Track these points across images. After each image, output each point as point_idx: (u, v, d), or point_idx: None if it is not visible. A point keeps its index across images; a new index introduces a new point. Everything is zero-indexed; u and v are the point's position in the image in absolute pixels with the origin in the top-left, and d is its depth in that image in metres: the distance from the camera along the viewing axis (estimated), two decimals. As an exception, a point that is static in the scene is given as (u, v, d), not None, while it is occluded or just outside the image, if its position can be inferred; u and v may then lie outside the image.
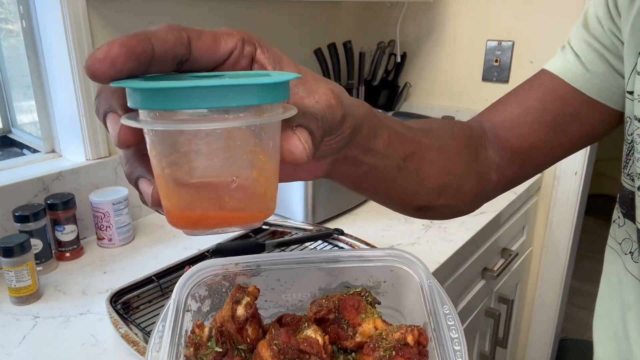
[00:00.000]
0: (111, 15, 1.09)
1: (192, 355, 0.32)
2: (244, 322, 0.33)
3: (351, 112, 0.34)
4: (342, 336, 0.34)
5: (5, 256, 0.84)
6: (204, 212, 0.27)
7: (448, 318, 0.32)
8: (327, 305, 0.35)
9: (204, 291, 0.37)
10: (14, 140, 1.27)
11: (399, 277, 0.37)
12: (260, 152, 0.26)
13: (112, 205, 1.05)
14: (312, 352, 0.31)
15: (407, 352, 0.31)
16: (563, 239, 1.61)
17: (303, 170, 0.39)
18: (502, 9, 1.54)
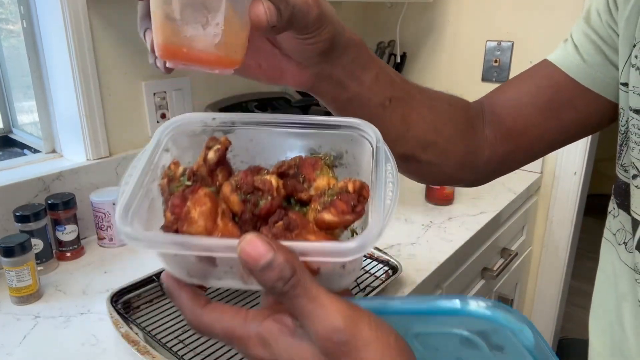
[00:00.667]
0: (111, 16, 1.09)
1: (165, 185, 0.36)
2: (214, 166, 0.37)
3: (330, 21, 0.40)
4: (298, 189, 0.37)
5: (6, 256, 0.84)
6: (181, 47, 0.34)
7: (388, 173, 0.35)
8: (289, 163, 0.39)
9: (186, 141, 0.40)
10: (14, 140, 1.28)
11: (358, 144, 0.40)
12: (230, 7, 0.33)
13: (112, 205, 1.05)
14: (264, 189, 0.34)
15: (346, 197, 0.34)
16: (563, 238, 1.61)
17: (290, 74, 0.44)
18: (502, 10, 1.54)
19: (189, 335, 0.77)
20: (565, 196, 1.56)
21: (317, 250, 0.31)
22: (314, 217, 0.34)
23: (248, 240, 0.29)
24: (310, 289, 0.29)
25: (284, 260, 0.29)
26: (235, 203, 0.34)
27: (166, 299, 0.86)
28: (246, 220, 0.34)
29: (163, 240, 0.31)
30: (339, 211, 0.33)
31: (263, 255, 0.28)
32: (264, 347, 0.31)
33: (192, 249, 0.30)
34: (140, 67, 1.17)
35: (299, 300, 0.29)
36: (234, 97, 1.38)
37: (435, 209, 1.29)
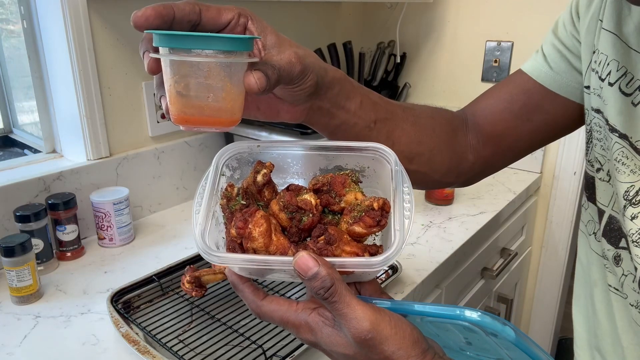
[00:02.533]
0: (111, 16, 1.09)
1: (225, 204, 0.47)
2: (262, 186, 0.47)
3: (313, 70, 0.47)
4: (331, 202, 0.47)
5: (7, 256, 0.84)
6: (192, 115, 0.41)
7: (405, 193, 0.45)
8: (322, 180, 0.48)
9: (235, 163, 0.50)
10: (15, 140, 1.28)
11: (378, 163, 0.49)
12: (228, 82, 0.41)
13: (112, 205, 1.05)
14: (306, 208, 0.44)
15: (372, 214, 0.43)
16: (562, 238, 1.61)
17: (284, 112, 0.51)
18: (502, 10, 1.54)
19: (189, 335, 0.78)
20: (565, 196, 1.56)
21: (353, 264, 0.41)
22: (346, 228, 0.44)
23: (300, 257, 0.39)
24: (345, 297, 0.39)
25: (326, 273, 0.39)
26: (284, 220, 0.45)
27: (166, 299, 0.87)
28: (293, 233, 0.44)
29: (238, 259, 0.42)
30: (367, 225, 0.43)
31: (311, 268, 0.39)
32: (311, 333, 0.42)
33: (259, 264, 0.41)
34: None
35: (337, 305, 0.39)
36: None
37: (435, 209, 1.30)
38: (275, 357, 0.71)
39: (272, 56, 0.44)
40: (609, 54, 0.53)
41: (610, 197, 0.56)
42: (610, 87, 0.52)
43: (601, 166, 0.56)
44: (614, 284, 0.57)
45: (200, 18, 0.42)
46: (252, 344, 0.73)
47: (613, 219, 0.55)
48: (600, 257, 0.59)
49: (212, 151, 1.36)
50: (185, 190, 1.32)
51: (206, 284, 0.84)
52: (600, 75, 0.54)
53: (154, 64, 0.42)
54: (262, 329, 0.78)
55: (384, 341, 0.40)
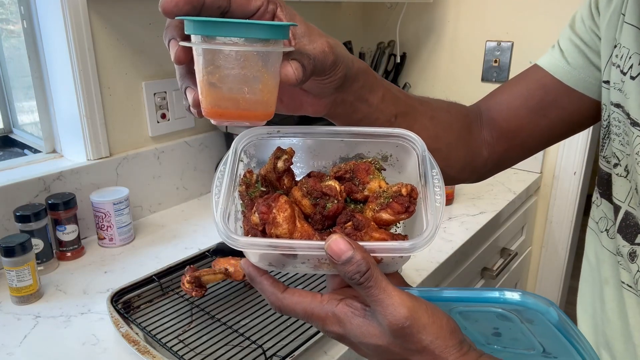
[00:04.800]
0: (112, 16, 1.09)
1: (244, 191, 0.44)
2: (282, 173, 0.44)
3: (343, 61, 0.45)
4: (354, 190, 0.45)
5: (7, 256, 0.84)
6: (226, 109, 0.39)
7: (435, 179, 0.42)
8: (345, 168, 0.46)
9: (253, 150, 0.47)
10: (15, 140, 1.28)
11: (403, 150, 0.47)
12: (265, 72, 0.39)
13: (112, 205, 1.05)
14: (331, 194, 0.42)
15: (401, 199, 0.41)
16: (562, 238, 1.61)
17: (308, 105, 0.49)
18: (502, 10, 1.54)
19: (189, 335, 0.78)
20: (565, 196, 1.56)
21: (385, 248, 0.38)
22: (371, 216, 0.42)
23: (334, 240, 0.37)
24: (381, 282, 0.37)
25: (361, 257, 0.37)
26: (307, 206, 0.42)
27: (166, 299, 0.87)
28: (317, 220, 0.42)
29: (261, 244, 0.38)
30: (395, 211, 0.41)
31: (345, 252, 0.36)
32: (339, 325, 0.40)
33: (282, 249, 0.38)
34: (140, 67, 1.17)
35: (372, 290, 0.37)
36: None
37: (435, 209, 1.29)
38: (275, 357, 0.71)
39: (304, 45, 0.42)
40: (631, 47, 0.52)
41: (627, 193, 0.55)
42: (632, 80, 0.52)
43: (619, 161, 0.56)
44: (627, 281, 0.56)
45: (230, 4, 0.39)
46: (252, 344, 0.73)
47: (629, 215, 0.55)
48: (613, 254, 0.58)
49: (212, 151, 1.36)
50: (185, 190, 1.32)
51: (206, 284, 0.84)
52: (622, 69, 0.53)
53: (182, 53, 0.39)
54: (262, 329, 0.78)
55: (422, 330, 0.37)
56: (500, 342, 0.40)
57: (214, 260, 0.89)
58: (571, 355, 0.41)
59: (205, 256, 0.96)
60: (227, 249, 0.92)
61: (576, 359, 0.41)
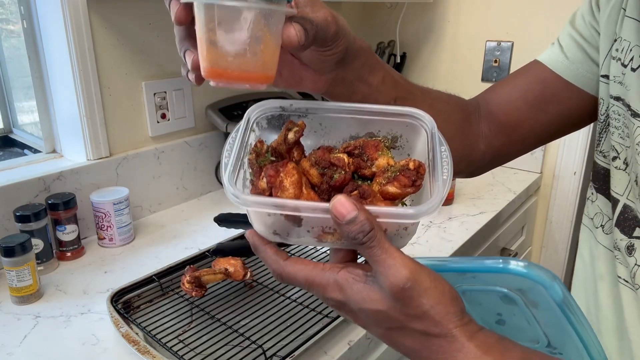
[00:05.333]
0: (111, 16, 1.09)
1: (253, 159, 0.44)
2: (292, 144, 0.44)
3: (345, 34, 0.45)
4: (362, 166, 0.45)
5: (7, 256, 0.84)
6: (226, 69, 0.38)
7: (443, 154, 0.42)
8: (354, 144, 0.46)
9: (265, 123, 0.48)
10: (15, 140, 1.28)
11: (413, 130, 0.47)
12: (267, 32, 0.38)
13: (112, 205, 1.05)
14: (339, 165, 0.42)
15: (408, 173, 0.41)
16: (562, 238, 1.61)
17: (308, 81, 0.49)
18: (502, 10, 1.54)
19: (189, 335, 0.78)
20: (565, 196, 1.56)
21: (391, 214, 0.38)
22: (378, 189, 0.42)
23: (339, 200, 0.37)
24: (384, 243, 0.37)
25: (365, 217, 0.36)
26: (314, 176, 0.42)
27: (166, 299, 0.87)
28: (323, 190, 0.42)
29: (267, 202, 0.38)
30: (402, 184, 0.41)
31: (350, 211, 0.36)
32: (340, 292, 0.39)
33: (287, 210, 0.38)
34: (140, 67, 1.17)
35: (375, 251, 0.37)
36: (234, 97, 1.38)
37: (435, 209, 1.29)
38: (275, 357, 0.71)
39: (307, 13, 0.42)
40: (632, 40, 0.53)
41: (626, 186, 0.55)
42: (633, 72, 0.53)
43: (617, 154, 0.56)
44: (624, 275, 0.56)
45: None
46: (252, 344, 0.73)
47: (628, 208, 0.55)
48: (609, 250, 0.58)
49: (212, 151, 1.36)
50: (185, 190, 1.32)
51: (206, 284, 0.84)
52: (623, 62, 0.54)
53: (182, 12, 0.39)
54: (262, 329, 0.78)
55: (423, 293, 0.37)
56: (504, 331, 0.39)
57: (214, 260, 0.89)
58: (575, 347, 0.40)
59: (205, 256, 0.96)
60: (227, 249, 0.92)
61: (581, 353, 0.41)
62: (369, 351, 0.84)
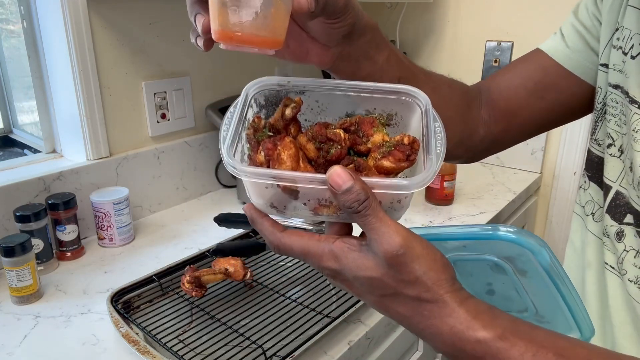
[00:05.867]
0: (111, 16, 1.09)
1: (251, 134, 0.45)
2: (289, 120, 0.45)
3: (354, 8, 0.46)
4: (358, 142, 0.46)
5: (7, 256, 0.84)
6: (236, 32, 0.39)
7: (437, 130, 0.43)
8: (350, 120, 0.47)
9: (263, 100, 0.48)
10: (15, 140, 1.28)
11: (407, 107, 0.48)
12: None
13: (112, 205, 1.05)
14: (335, 140, 0.43)
15: (402, 147, 0.42)
16: (562, 238, 1.61)
17: (314, 55, 0.50)
18: (502, 10, 1.54)
19: (189, 335, 0.78)
20: (565, 196, 1.56)
21: (385, 184, 0.39)
22: (373, 164, 0.43)
23: (335, 170, 0.38)
24: (379, 211, 0.38)
25: (360, 187, 0.37)
26: (311, 150, 0.43)
27: (166, 299, 0.87)
28: (320, 164, 0.43)
29: (264, 173, 0.39)
30: (396, 159, 0.42)
31: (346, 181, 0.37)
32: (335, 261, 0.40)
33: (284, 180, 0.39)
34: (140, 67, 1.17)
35: (370, 219, 0.38)
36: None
37: (435, 209, 1.30)
38: (275, 357, 0.71)
39: None
40: (633, 28, 0.55)
41: (619, 173, 0.56)
42: (633, 59, 0.54)
43: (613, 142, 0.57)
44: (611, 262, 0.58)
45: None
46: (252, 344, 0.73)
47: (620, 195, 0.56)
48: (598, 237, 0.60)
49: (212, 151, 1.36)
50: (185, 190, 1.32)
51: (206, 284, 0.84)
52: (624, 50, 0.55)
53: None
54: (262, 329, 0.78)
55: (415, 259, 0.38)
56: (493, 301, 0.41)
57: (214, 260, 0.89)
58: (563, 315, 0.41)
59: (205, 256, 0.96)
60: (227, 249, 0.92)
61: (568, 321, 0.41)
62: (369, 351, 0.84)
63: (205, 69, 1.32)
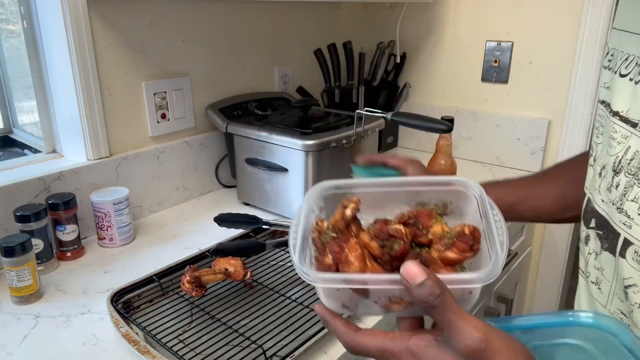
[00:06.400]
0: (112, 16, 1.09)
1: (317, 237, 0.47)
2: (350, 220, 0.47)
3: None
4: (418, 234, 0.47)
5: (7, 256, 0.84)
6: None
7: (495, 218, 0.44)
8: (408, 214, 0.49)
9: (322, 202, 0.52)
10: (15, 140, 1.28)
11: (462, 197, 0.50)
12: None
13: (112, 205, 1.05)
14: (397, 236, 0.44)
15: (465, 238, 0.43)
16: (562, 238, 1.61)
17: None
18: (502, 10, 1.54)
19: (189, 335, 0.78)
20: (565, 196, 1.56)
21: (453, 280, 0.40)
22: (437, 256, 0.44)
23: (408, 264, 0.39)
24: (454, 305, 0.38)
25: (434, 281, 0.38)
26: (375, 248, 0.44)
27: (166, 299, 0.87)
28: (385, 261, 0.44)
29: (336, 279, 0.42)
30: (460, 250, 0.43)
31: (419, 276, 0.38)
32: (413, 358, 0.41)
33: (356, 283, 0.41)
34: (140, 67, 1.17)
35: (446, 314, 0.38)
36: (234, 97, 1.38)
37: (435, 209, 1.29)
38: (275, 357, 0.71)
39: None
40: (616, 47, 0.57)
41: (591, 180, 0.59)
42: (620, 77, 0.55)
43: (592, 152, 0.60)
44: (582, 266, 0.59)
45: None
46: (252, 344, 0.73)
47: (589, 201, 0.58)
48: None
49: (212, 151, 1.36)
50: (185, 190, 1.32)
51: (206, 284, 0.84)
52: (614, 70, 0.57)
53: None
54: (262, 329, 0.78)
55: (496, 353, 0.38)
56: None
57: (214, 260, 0.89)
58: None
59: (205, 256, 0.96)
60: (227, 249, 0.92)
61: None
62: (369, 351, 0.84)
63: (205, 69, 1.32)
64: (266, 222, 1.03)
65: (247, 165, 1.23)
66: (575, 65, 1.44)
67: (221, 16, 1.33)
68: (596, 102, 0.62)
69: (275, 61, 1.53)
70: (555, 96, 1.50)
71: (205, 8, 1.28)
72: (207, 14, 1.29)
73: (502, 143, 1.60)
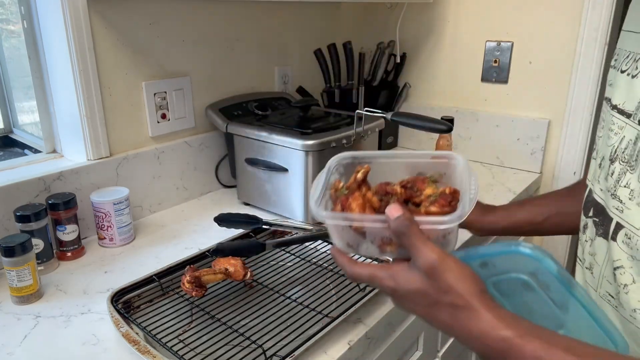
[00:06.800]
0: (112, 16, 1.09)
1: (333, 193, 0.60)
2: (360, 182, 0.60)
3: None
4: (413, 195, 0.58)
5: (7, 256, 0.84)
6: None
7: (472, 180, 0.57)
8: (407, 180, 0.60)
9: (343, 169, 0.65)
10: (15, 140, 1.28)
11: (451, 167, 0.62)
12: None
13: (113, 205, 1.05)
14: (393, 193, 0.58)
15: (445, 196, 0.54)
16: (562, 238, 1.61)
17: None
18: (502, 10, 1.54)
19: (189, 335, 0.78)
20: (565, 196, 1.56)
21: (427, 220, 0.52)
22: (424, 210, 0.56)
23: (392, 205, 0.52)
24: (419, 234, 0.50)
25: (406, 216, 0.51)
26: (375, 201, 0.58)
27: (166, 299, 0.87)
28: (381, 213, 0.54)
29: (338, 216, 0.56)
30: (440, 205, 0.54)
31: (397, 211, 0.51)
32: (392, 280, 0.53)
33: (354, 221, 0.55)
34: (140, 67, 1.17)
35: (412, 239, 0.50)
36: (235, 97, 1.38)
37: (435, 209, 1.30)
38: (275, 357, 0.71)
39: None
40: (625, 47, 0.59)
41: (593, 172, 0.62)
42: (622, 74, 0.57)
43: (595, 146, 0.63)
44: (579, 254, 0.64)
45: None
46: (252, 344, 0.74)
47: (590, 192, 0.62)
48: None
49: (212, 151, 1.36)
50: (185, 190, 1.32)
51: (206, 284, 0.84)
52: (619, 68, 0.59)
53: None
54: (262, 329, 0.78)
55: (448, 270, 0.48)
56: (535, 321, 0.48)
57: (214, 260, 0.89)
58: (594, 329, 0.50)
59: (205, 256, 0.96)
60: (227, 249, 0.92)
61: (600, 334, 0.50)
62: (369, 351, 0.84)
63: (205, 69, 1.32)
64: (266, 222, 1.03)
65: (247, 165, 1.23)
66: (575, 65, 1.44)
67: (221, 16, 1.33)
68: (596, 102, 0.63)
69: (275, 61, 1.53)
70: (555, 96, 1.50)
71: (205, 8, 1.28)
72: (207, 14, 1.29)
73: (502, 143, 1.60)
